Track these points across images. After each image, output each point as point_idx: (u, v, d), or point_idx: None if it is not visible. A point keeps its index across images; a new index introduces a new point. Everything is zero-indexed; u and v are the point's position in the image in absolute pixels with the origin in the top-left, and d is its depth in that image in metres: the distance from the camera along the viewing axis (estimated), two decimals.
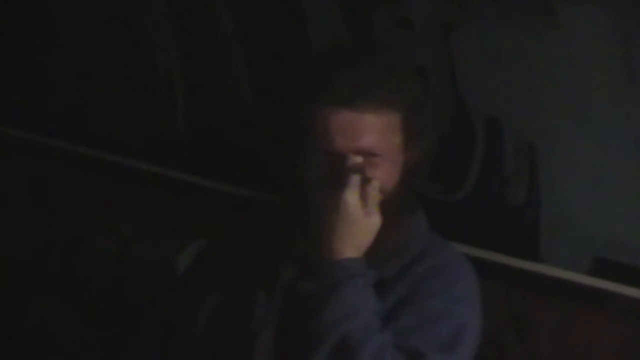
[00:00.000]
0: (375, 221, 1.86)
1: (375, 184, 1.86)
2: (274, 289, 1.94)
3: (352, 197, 1.84)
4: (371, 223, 1.86)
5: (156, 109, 2.90)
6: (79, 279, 2.82)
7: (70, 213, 3.07)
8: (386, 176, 1.90)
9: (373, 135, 1.88)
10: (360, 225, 1.85)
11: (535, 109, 2.22)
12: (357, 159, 1.85)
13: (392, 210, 1.91)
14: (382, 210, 1.88)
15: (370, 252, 1.89)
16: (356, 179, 1.84)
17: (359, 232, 1.85)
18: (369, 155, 1.88)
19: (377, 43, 2.29)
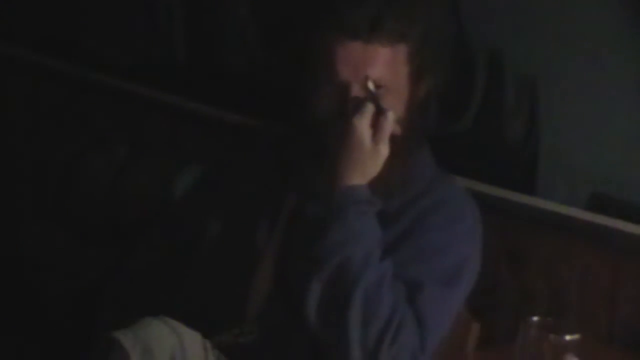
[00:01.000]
0: (383, 151, 1.84)
1: (390, 116, 1.84)
2: (278, 214, 1.94)
3: (362, 124, 1.82)
4: (379, 152, 1.84)
5: (154, 33, 2.88)
6: (74, 200, 2.82)
7: (66, 134, 3.06)
8: (394, 108, 1.88)
9: (381, 66, 1.85)
10: (367, 152, 1.83)
11: (537, 43, 2.21)
12: (371, 87, 1.84)
13: (401, 142, 1.90)
14: (391, 142, 1.87)
15: (375, 185, 1.87)
16: (370, 107, 1.83)
17: (366, 160, 1.84)
18: (377, 87, 1.86)
19: None
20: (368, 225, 1.84)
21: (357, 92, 1.84)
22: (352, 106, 1.83)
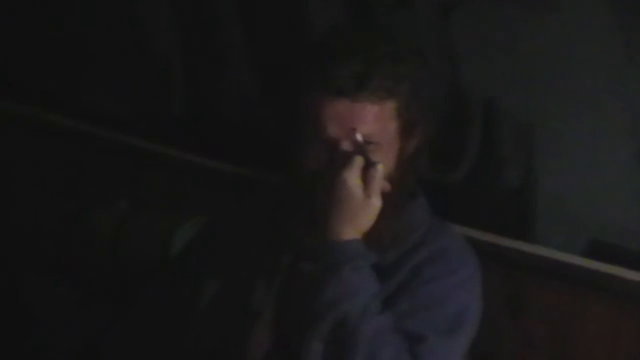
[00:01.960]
0: (375, 203, 1.84)
1: (379, 168, 1.84)
2: (274, 271, 1.94)
3: (352, 178, 1.82)
4: (371, 204, 1.84)
5: (153, 86, 2.89)
6: (75, 255, 2.81)
7: (66, 189, 3.07)
8: (384, 163, 1.88)
9: (369, 123, 1.85)
10: (359, 205, 1.83)
11: (533, 91, 2.22)
12: (359, 140, 1.84)
13: (392, 196, 1.90)
14: (382, 196, 1.87)
15: (370, 239, 1.87)
16: (359, 161, 1.83)
17: (359, 213, 1.84)
18: (366, 143, 1.86)
19: (377, 29, 2.26)
20: (364, 279, 1.83)
21: (346, 147, 1.85)
22: (341, 160, 1.84)
